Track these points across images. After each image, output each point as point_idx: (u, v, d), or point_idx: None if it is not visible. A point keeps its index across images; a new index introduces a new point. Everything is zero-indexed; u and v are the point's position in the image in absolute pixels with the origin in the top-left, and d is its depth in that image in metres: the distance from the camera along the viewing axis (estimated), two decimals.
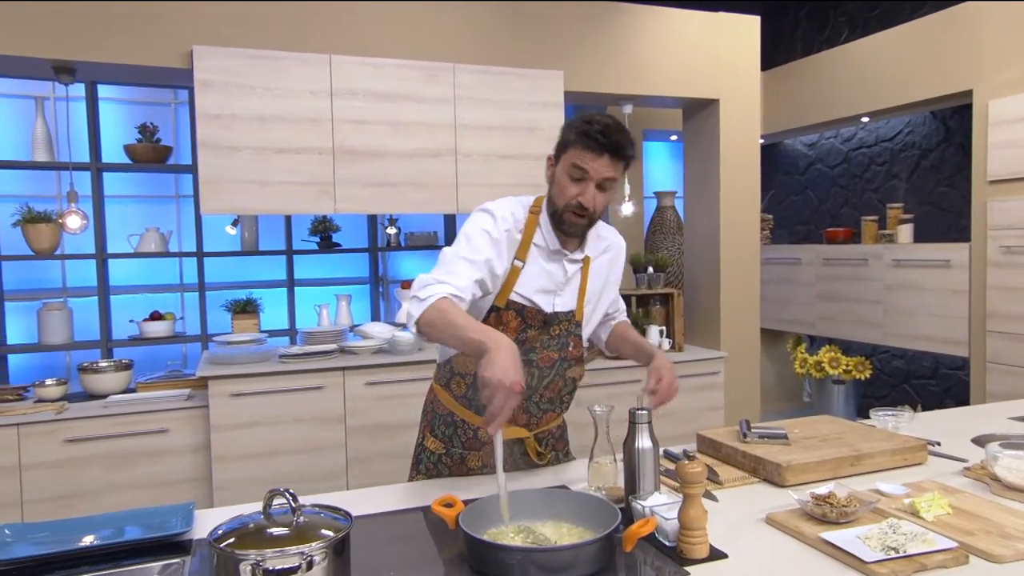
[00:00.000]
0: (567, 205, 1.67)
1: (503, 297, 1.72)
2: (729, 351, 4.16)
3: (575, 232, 1.73)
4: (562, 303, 1.79)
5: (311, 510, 1.21)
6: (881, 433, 1.92)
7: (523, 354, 1.71)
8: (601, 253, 1.87)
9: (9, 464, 3.01)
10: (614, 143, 1.62)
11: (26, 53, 3.05)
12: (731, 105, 4.12)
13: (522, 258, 1.72)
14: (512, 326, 1.73)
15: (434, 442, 1.85)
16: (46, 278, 4.26)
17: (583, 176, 1.64)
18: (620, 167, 1.68)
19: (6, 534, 1.43)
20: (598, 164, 1.63)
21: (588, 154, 1.63)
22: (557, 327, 1.77)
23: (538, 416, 1.84)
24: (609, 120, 1.65)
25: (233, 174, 3.24)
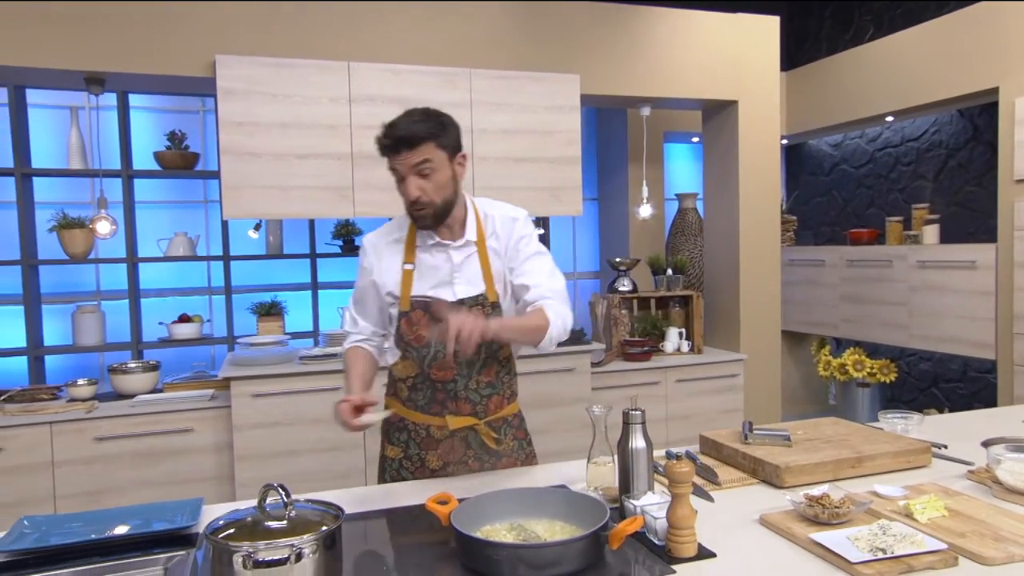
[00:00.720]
0: (407, 207, 1.78)
1: (405, 301, 1.83)
2: (749, 353, 4.14)
3: (425, 224, 1.81)
4: (465, 290, 1.83)
5: (304, 505, 1.25)
6: (886, 435, 1.91)
7: (445, 345, 1.72)
8: (493, 232, 1.88)
9: (43, 460, 3.13)
10: (399, 136, 1.70)
11: (59, 66, 3.18)
12: (750, 106, 4.10)
13: (410, 261, 1.84)
14: (422, 323, 1.80)
15: (392, 449, 1.91)
16: (81, 282, 4.40)
17: (399, 175, 1.75)
18: (428, 148, 1.71)
19: (25, 526, 1.50)
20: (400, 160, 1.72)
21: (390, 157, 1.74)
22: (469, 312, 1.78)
23: (482, 404, 1.86)
24: (400, 116, 1.74)
25: (255, 180, 3.32)
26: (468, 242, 1.85)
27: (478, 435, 1.87)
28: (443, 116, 1.77)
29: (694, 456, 1.91)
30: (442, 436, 1.86)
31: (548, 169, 3.72)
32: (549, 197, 3.75)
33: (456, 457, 1.87)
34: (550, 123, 3.72)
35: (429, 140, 1.71)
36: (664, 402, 3.96)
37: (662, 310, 4.31)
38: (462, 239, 1.85)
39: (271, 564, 1.08)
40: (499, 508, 1.46)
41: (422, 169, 1.71)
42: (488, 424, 1.88)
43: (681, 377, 3.98)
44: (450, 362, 1.79)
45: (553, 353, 3.69)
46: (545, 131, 3.71)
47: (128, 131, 4.13)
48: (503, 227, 1.88)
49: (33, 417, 3.13)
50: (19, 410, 3.17)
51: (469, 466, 1.88)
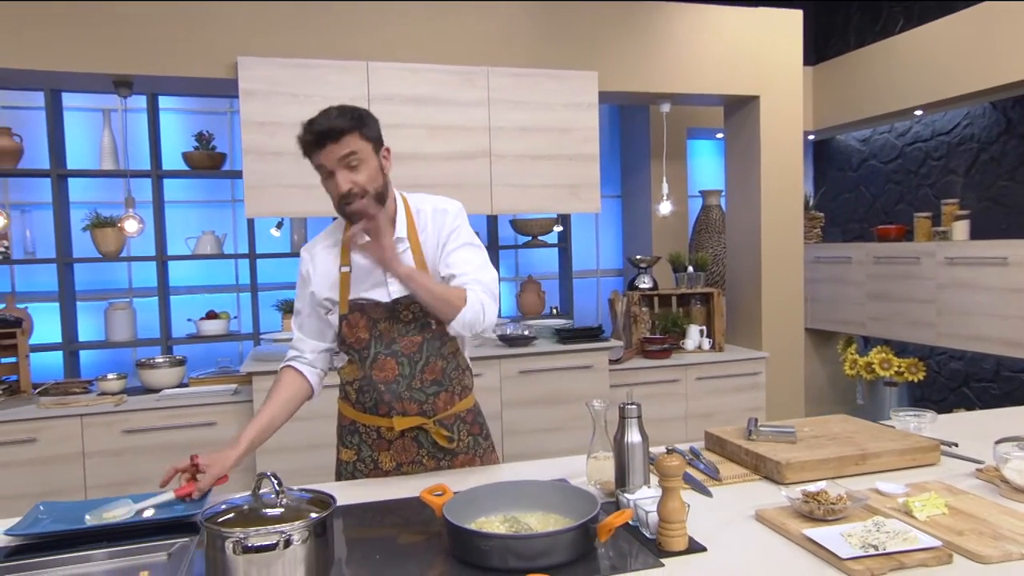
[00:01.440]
0: (337, 203, 1.74)
1: (343, 304, 1.81)
2: (771, 352, 4.09)
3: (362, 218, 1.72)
4: (399, 288, 1.77)
5: (298, 494, 1.29)
6: (894, 433, 1.89)
7: (385, 347, 1.79)
8: (425, 226, 1.85)
9: (74, 451, 3.23)
10: (322, 130, 1.69)
11: (88, 69, 3.27)
12: (772, 101, 4.06)
13: (346, 263, 1.82)
14: (361, 325, 1.79)
15: (346, 452, 1.91)
16: (114, 279, 4.54)
17: (326, 171, 1.73)
18: (352, 140, 1.69)
19: (40, 511, 1.56)
20: (326, 155, 1.70)
21: (314, 153, 1.72)
22: (407, 311, 1.79)
23: (430, 402, 1.84)
24: (319, 114, 1.72)
25: (276, 179, 3.39)
26: (399, 239, 1.81)
27: (429, 435, 1.85)
28: (362, 110, 1.75)
29: (698, 452, 1.91)
30: (392, 437, 1.85)
31: (566, 166, 3.73)
32: (568, 194, 3.75)
33: (409, 457, 1.86)
34: (568, 120, 3.72)
35: (352, 131, 1.70)
36: (684, 400, 3.94)
37: (683, 308, 4.28)
38: (392, 236, 1.80)
39: (260, 549, 1.12)
40: (493, 500, 1.47)
41: (349, 161, 1.69)
42: (439, 422, 1.85)
43: (701, 375, 3.95)
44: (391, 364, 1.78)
45: (570, 350, 3.70)
46: (563, 128, 3.72)
47: (157, 133, 4.23)
48: (434, 220, 1.85)
49: (65, 410, 3.24)
50: (52, 403, 3.28)
51: (424, 465, 1.87)
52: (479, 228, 4.79)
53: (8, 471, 3.14)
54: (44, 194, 4.15)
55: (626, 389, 3.73)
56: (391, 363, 1.79)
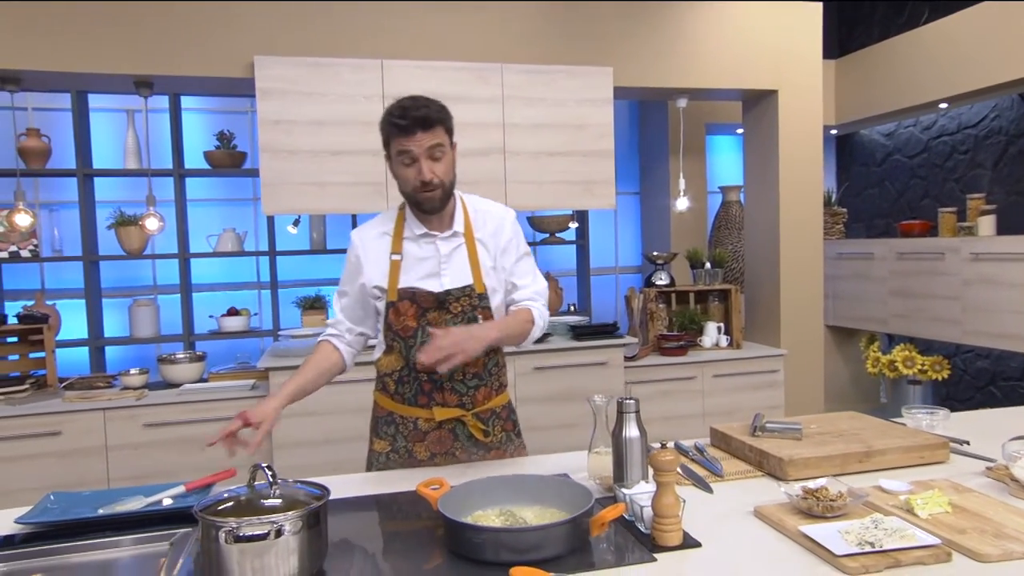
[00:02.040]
0: (413, 188, 1.77)
1: (392, 291, 1.84)
2: (790, 349, 4.04)
3: (434, 207, 1.80)
4: (452, 280, 1.85)
5: (294, 486, 1.31)
6: (902, 431, 1.86)
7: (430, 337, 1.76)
8: (483, 226, 1.91)
9: (97, 444, 3.30)
10: (417, 118, 1.71)
11: (110, 70, 3.34)
12: (791, 96, 4.01)
13: (397, 251, 1.85)
14: (410, 313, 1.82)
15: (380, 443, 1.94)
16: (138, 276, 4.63)
17: (410, 157, 1.74)
18: (439, 132, 1.75)
19: (51, 500, 1.60)
20: (414, 141, 1.72)
21: (402, 137, 1.73)
22: (456, 304, 1.84)
23: (469, 395, 1.88)
24: (407, 100, 1.75)
25: (292, 176, 3.43)
26: (456, 233, 1.87)
27: (466, 427, 1.89)
28: (442, 104, 1.80)
29: (703, 448, 1.89)
30: (429, 428, 1.88)
31: (581, 163, 3.72)
32: (582, 191, 3.74)
33: (443, 448, 1.89)
34: (582, 117, 3.71)
35: (440, 124, 1.75)
36: (700, 397, 3.91)
37: (701, 304, 4.25)
38: (450, 230, 1.87)
39: (251, 539, 1.14)
40: (490, 494, 1.48)
41: (435, 152, 1.74)
42: (476, 416, 1.89)
43: (718, 372, 3.92)
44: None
45: (585, 347, 3.69)
46: (577, 125, 3.71)
47: (180, 132, 4.30)
48: (496, 225, 1.92)
49: (89, 404, 3.31)
50: (77, 397, 3.36)
51: (457, 457, 1.90)
52: None
53: (34, 463, 3.21)
54: (71, 193, 4.25)
55: (636, 385, 3.72)
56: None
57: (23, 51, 3.22)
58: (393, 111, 1.75)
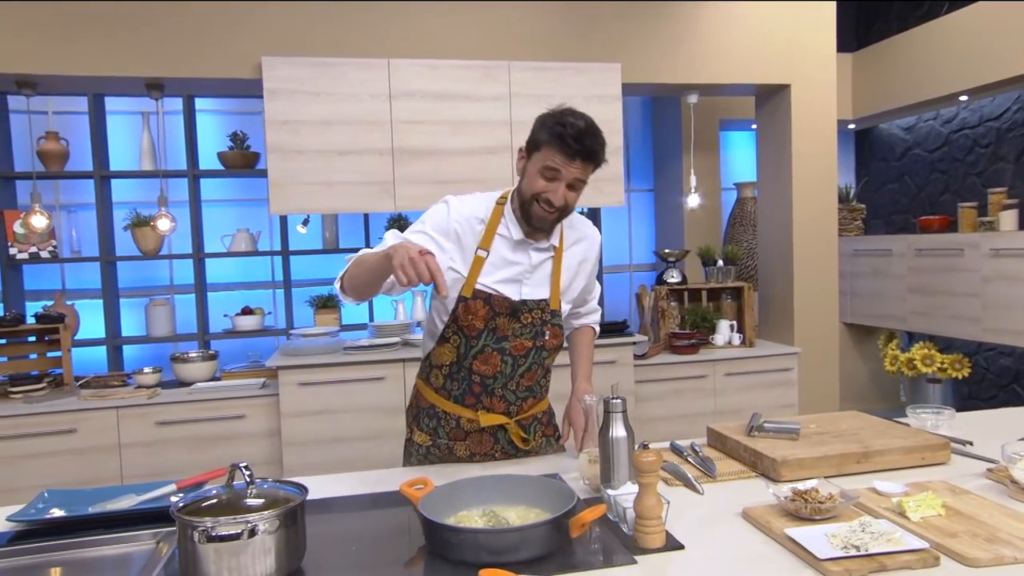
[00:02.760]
0: (537, 198, 1.70)
1: (469, 287, 1.76)
2: (804, 347, 3.99)
3: (543, 226, 1.75)
4: (531, 291, 1.81)
5: (271, 484, 1.31)
6: (903, 431, 1.81)
7: (495, 342, 1.78)
8: (573, 244, 1.89)
9: (111, 442, 3.35)
10: (587, 149, 1.65)
11: (122, 73, 3.38)
12: (804, 90, 3.95)
13: (485, 247, 1.77)
14: (480, 314, 1.77)
15: (421, 435, 1.91)
16: (155, 276, 4.69)
17: (555, 176, 1.67)
18: (591, 169, 1.71)
19: (44, 498, 1.63)
20: (570, 168, 1.66)
21: (560, 157, 1.65)
22: (528, 315, 1.80)
23: (517, 404, 1.86)
24: (582, 123, 1.66)
25: (300, 176, 3.45)
26: (551, 246, 1.83)
27: (508, 433, 1.87)
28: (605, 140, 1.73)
29: (698, 448, 1.87)
30: (471, 429, 1.86)
31: None
32: (590, 188, 3.63)
33: (483, 449, 1.88)
34: (590, 113, 3.63)
35: (598, 163, 1.72)
36: (712, 396, 3.87)
37: (713, 302, 4.20)
38: (547, 243, 1.82)
39: (224, 539, 1.14)
40: (475, 494, 1.47)
41: (576, 184, 1.70)
42: (518, 423, 1.88)
43: (730, 371, 3.88)
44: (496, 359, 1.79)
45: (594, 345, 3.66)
46: None
47: (194, 133, 4.35)
48: (591, 246, 1.93)
49: (103, 402, 3.36)
50: (91, 395, 3.41)
51: (496, 459, 1.89)
52: None
53: (50, 460, 3.27)
54: (89, 195, 4.31)
55: (646, 384, 3.68)
56: (496, 358, 1.79)
57: (37, 56, 3.28)
58: (567, 127, 1.64)
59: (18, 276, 4.25)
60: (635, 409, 3.73)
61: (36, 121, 4.38)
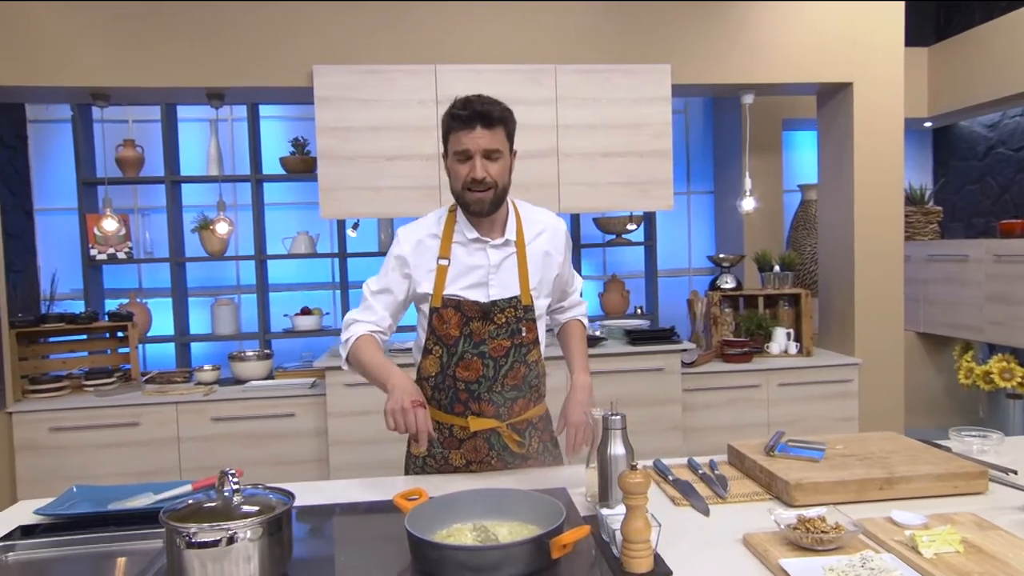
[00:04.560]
0: (463, 185, 1.74)
1: (437, 297, 1.80)
2: (866, 358, 3.79)
3: (481, 209, 1.75)
4: (499, 291, 1.82)
5: (261, 491, 1.34)
6: (938, 456, 1.70)
7: (473, 347, 1.79)
8: (536, 236, 1.88)
9: (171, 436, 3.52)
10: (478, 111, 1.68)
11: (185, 84, 3.54)
12: (867, 88, 3.75)
13: (445, 256, 1.80)
14: (453, 321, 1.79)
15: (416, 446, 1.85)
16: (223, 276, 4.89)
17: (466, 154, 1.71)
18: (499, 134, 1.73)
19: (73, 492, 1.72)
20: (472, 137, 1.69)
21: (461, 132, 1.70)
22: (501, 315, 1.81)
23: (506, 406, 1.84)
24: (472, 96, 1.73)
25: (349, 181, 3.52)
26: (508, 241, 1.83)
27: (501, 437, 1.86)
28: (507, 105, 1.78)
29: (715, 466, 1.80)
30: (464, 436, 1.86)
31: (637, 163, 3.63)
32: (638, 192, 3.65)
33: (479, 457, 1.87)
34: (639, 116, 3.62)
35: (502, 125, 1.74)
36: (765, 407, 3.73)
37: (770, 309, 4.05)
38: (502, 238, 1.83)
39: (204, 545, 1.17)
40: (468, 508, 1.46)
41: (491, 155, 1.72)
42: (511, 427, 1.87)
43: (784, 381, 3.73)
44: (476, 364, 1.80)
45: (639, 352, 3.60)
46: (633, 124, 3.62)
47: (258, 139, 4.51)
48: (552, 237, 1.90)
49: (164, 397, 3.53)
50: (155, 390, 3.59)
51: (493, 466, 1.87)
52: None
53: (114, 451, 3.46)
54: (160, 198, 4.53)
55: (695, 393, 3.57)
56: (476, 363, 1.80)
57: (109, 69, 3.46)
58: (455, 103, 1.73)
59: (98, 275, 4.51)
60: (683, 419, 3.65)
61: (117, 130, 4.65)
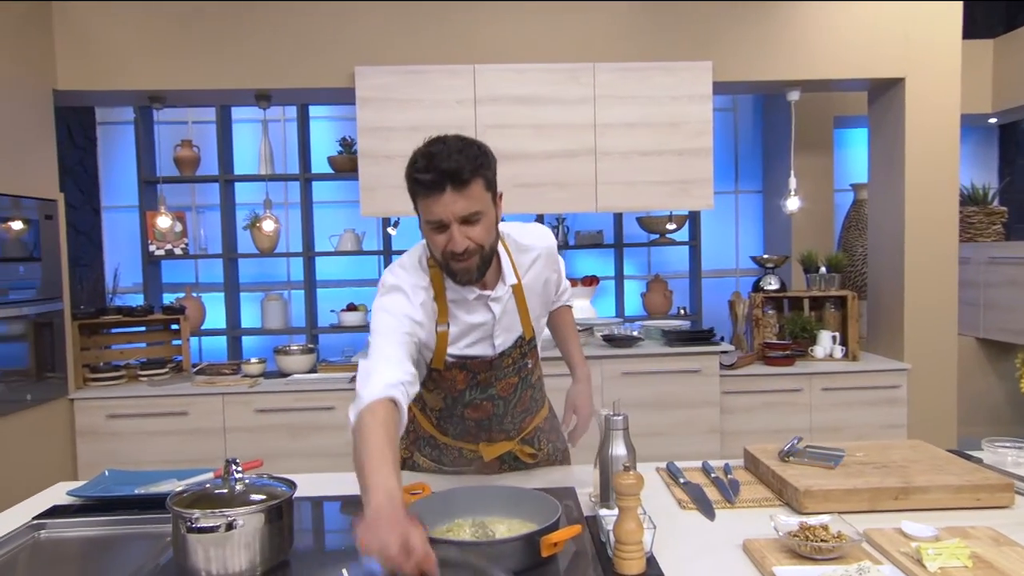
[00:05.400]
0: (444, 256, 1.49)
1: (439, 360, 1.62)
2: (915, 363, 3.65)
3: (470, 278, 1.51)
4: (504, 339, 1.66)
5: (267, 481, 1.38)
6: (965, 467, 1.63)
7: (481, 392, 1.69)
8: (530, 267, 1.68)
9: (217, 426, 3.65)
10: (445, 172, 1.39)
11: (234, 86, 3.66)
12: (921, 83, 3.61)
13: (443, 322, 1.59)
14: (459, 379, 1.66)
15: (425, 461, 1.86)
16: (274, 273, 5.04)
17: (440, 225, 1.45)
18: (476, 191, 1.43)
19: (105, 476, 1.81)
20: (444, 204, 1.42)
21: (429, 199, 1.44)
22: (507, 359, 1.67)
23: (516, 427, 1.80)
24: (435, 147, 1.43)
25: (388, 180, 3.59)
26: (509, 288, 1.63)
27: (513, 453, 1.82)
28: (481, 145, 1.49)
29: (730, 470, 1.78)
30: (475, 458, 1.79)
31: (676, 162, 3.58)
32: (677, 191, 3.60)
33: (492, 471, 1.83)
34: (679, 114, 3.57)
35: (478, 177, 1.43)
36: (807, 412, 3.64)
37: (816, 311, 3.94)
38: (503, 287, 1.62)
39: (204, 531, 1.22)
40: (470, 504, 1.48)
41: (470, 218, 1.44)
42: (523, 441, 1.82)
43: (828, 385, 3.62)
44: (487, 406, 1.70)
45: (676, 353, 3.55)
46: (673, 123, 3.57)
47: (307, 139, 4.63)
48: (547, 259, 1.72)
49: (211, 388, 3.67)
50: (204, 381, 3.73)
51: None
52: (605, 227, 4.73)
53: (164, 439, 3.61)
54: (217, 197, 4.70)
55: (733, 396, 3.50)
56: (487, 405, 1.71)
57: (164, 73, 3.61)
58: (417, 162, 1.44)
59: (157, 270, 4.71)
60: (721, 422, 3.58)
61: (177, 130, 4.85)
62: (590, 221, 4.75)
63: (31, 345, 3.34)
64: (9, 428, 3.11)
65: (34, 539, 1.54)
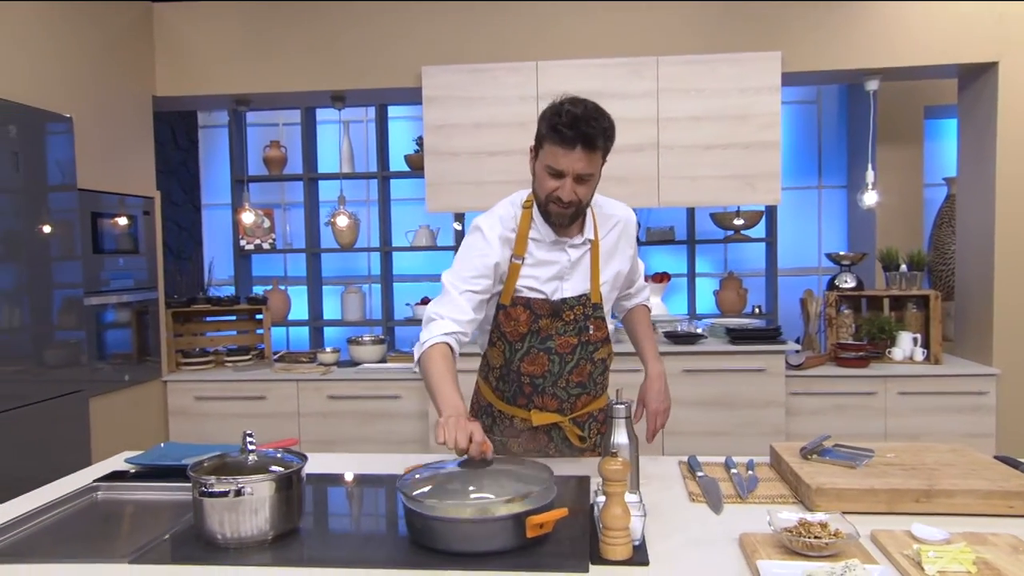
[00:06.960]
0: (548, 198, 1.70)
1: (507, 295, 1.77)
2: (1005, 368, 3.40)
3: (562, 222, 1.73)
4: (571, 288, 1.80)
5: (283, 454, 1.48)
6: (1000, 473, 1.54)
7: (540, 343, 1.78)
8: (608, 231, 1.85)
9: (292, 411, 3.85)
10: (583, 135, 1.59)
11: (311, 88, 3.86)
12: (1016, 67, 3.35)
13: (520, 254, 1.77)
14: (522, 319, 1.78)
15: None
16: (356, 267, 5.26)
17: (560, 172, 1.64)
18: (596, 158, 1.65)
19: (161, 448, 1.97)
20: (570, 160, 1.62)
21: (559, 150, 1.62)
22: (570, 312, 1.79)
23: (570, 401, 1.85)
24: (579, 109, 1.61)
25: (453, 177, 3.68)
26: (587, 240, 1.81)
27: (562, 431, 1.88)
28: (611, 118, 1.68)
29: (752, 466, 1.74)
30: (525, 427, 1.88)
31: (742, 156, 3.49)
32: (743, 185, 3.51)
33: (538, 447, 1.89)
34: (745, 107, 3.48)
35: (602, 149, 1.66)
36: (882, 416, 3.46)
37: (896, 312, 3.74)
38: (581, 238, 1.80)
39: (215, 495, 1.33)
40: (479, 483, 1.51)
41: (584, 178, 1.65)
42: (573, 421, 1.88)
43: (905, 389, 3.43)
44: (542, 359, 1.80)
45: (740, 351, 3.46)
46: (739, 116, 3.48)
47: (386, 138, 4.80)
48: (627, 229, 1.88)
49: (288, 375, 3.88)
50: (282, 368, 3.95)
51: (550, 456, 1.89)
52: (677, 223, 4.65)
53: (244, 422, 3.83)
54: (298, 194, 4.95)
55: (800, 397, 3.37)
56: (543, 358, 1.81)
57: (249, 77, 3.85)
58: (561, 115, 1.61)
59: (247, 264, 5.01)
60: (786, 424, 3.47)
61: (267, 132, 5.14)
62: (662, 218, 4.68)
63: (133, 331, 3.64)
64: (109, 404, 3.40)
65: (91, 500, 1.71)
